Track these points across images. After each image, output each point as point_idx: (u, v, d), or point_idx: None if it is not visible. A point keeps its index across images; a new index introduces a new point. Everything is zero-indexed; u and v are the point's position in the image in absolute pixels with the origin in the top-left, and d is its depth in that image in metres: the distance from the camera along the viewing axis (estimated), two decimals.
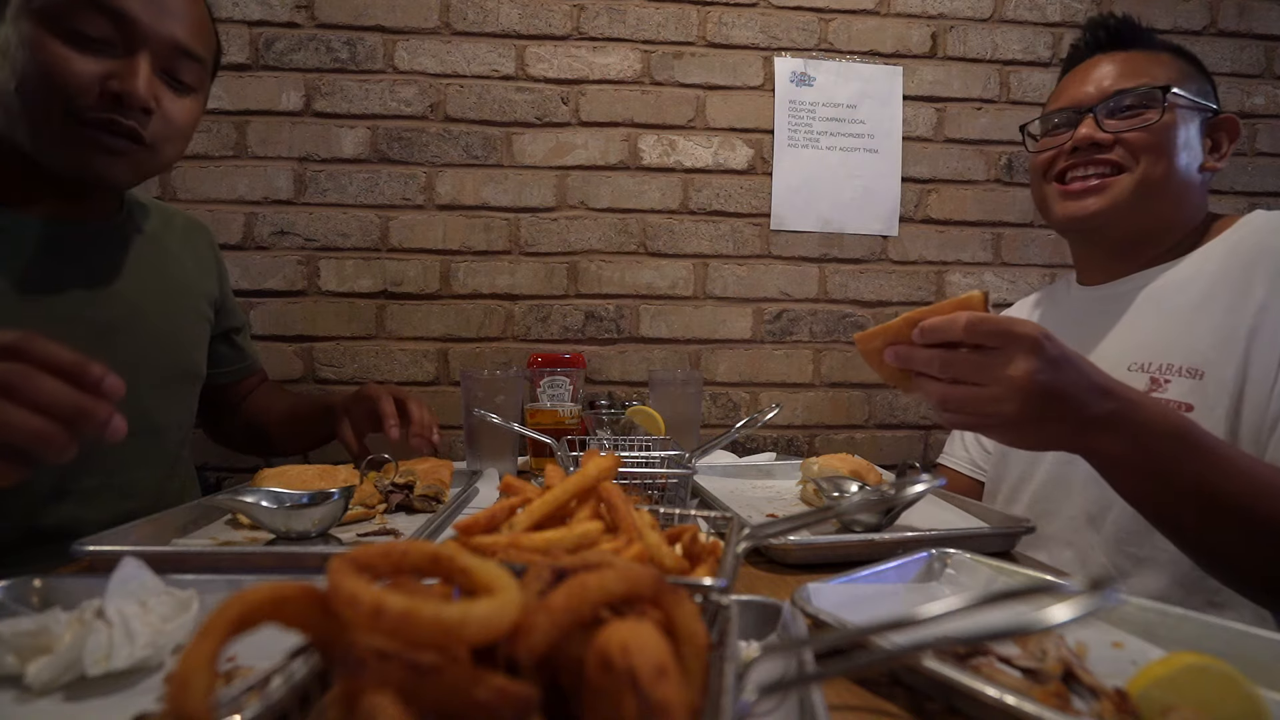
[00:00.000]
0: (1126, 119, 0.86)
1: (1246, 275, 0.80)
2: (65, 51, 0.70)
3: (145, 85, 0.73)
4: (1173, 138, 0.84)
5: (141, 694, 0.37)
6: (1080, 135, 0.87)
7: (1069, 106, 0.91)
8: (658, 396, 1.14)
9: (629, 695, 0.22)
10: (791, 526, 0.45)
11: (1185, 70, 0.89)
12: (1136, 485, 0.64)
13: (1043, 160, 0.93)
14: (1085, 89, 0.90)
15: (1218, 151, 0.89)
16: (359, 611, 0.22)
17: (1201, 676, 0.35)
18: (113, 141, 0.74)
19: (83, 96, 0.71)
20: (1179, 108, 0.85)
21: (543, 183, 1.48)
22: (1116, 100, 0.86)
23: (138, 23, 0.72)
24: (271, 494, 0.65)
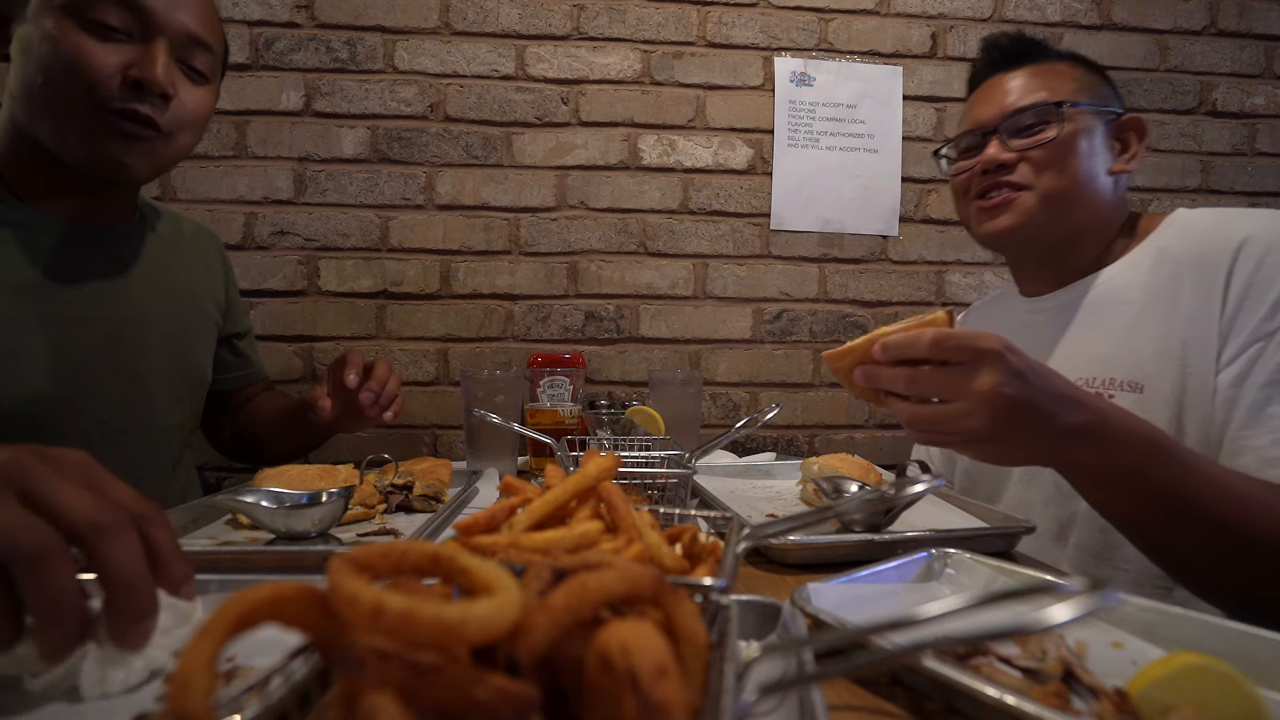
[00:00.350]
0: (1028, 136, 0.88)
1: (1174, 284, 0.81)
2: (87, 42, 0.72)
3: (164, 71, 0.75)
4: (1074, 150, 0.86)
5: (141, 694, 0.37)
6: (987, 157, 0.90)
7: (975, 128, 0.94)
8: (658, 396, 1.14)
9: (629, 695, 0.22)
10: (791, 526, 0.45)
11: (1083, 79, 0.91)
12: (1108, 496, 0.64)
13: (960, 182, 0.96)
14: (988, 110, 0.93)
15: (1127, 152, 0.91)
16: (359, 611, 0.22)
17: (1201, 676, 0.35)
18: (134, 129, 0.76)
19: (106, 85, 0.73)
20: (1079, 119, 0.87)
21: (543, 183, 1.48)
22: (1017, 119, 0.89)
23: (154, 12, 0.75)
24: (271, 494, 0.65)
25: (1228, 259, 0.77)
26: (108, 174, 0.80)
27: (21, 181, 0.81)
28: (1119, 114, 0.91)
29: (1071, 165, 0.86)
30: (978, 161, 0.91)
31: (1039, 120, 0.88)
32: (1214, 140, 1.61)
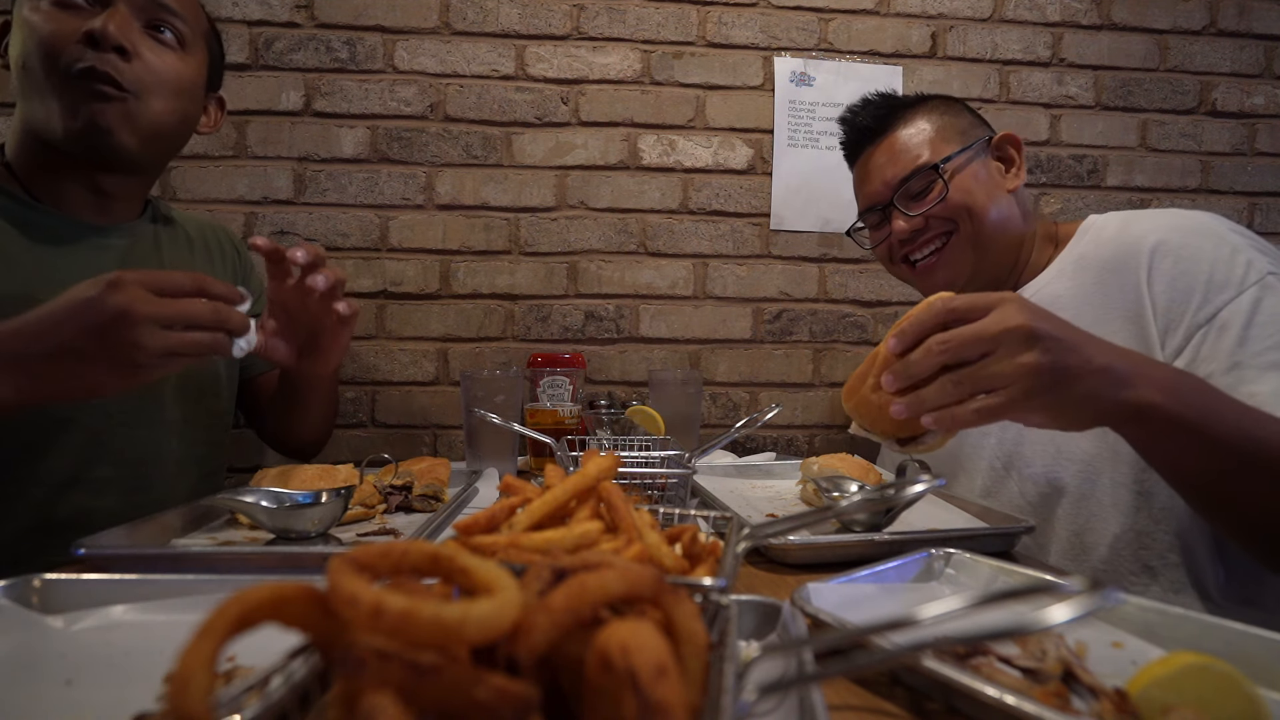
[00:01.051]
0: (922, 200, 0.93)
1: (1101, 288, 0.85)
2: (53, 13, 0.76)
3: (117, 26, 0.76)
4: (969, 190, 0.91)
5: (141, 693, 0.37)
6: (898, 229, 0.95)
7: (873, 206, 0.99)
8: (658, 396, 1.14)
9: (629, 695, 0.22)
10: (791, 526, 0.45)
11: (943, 123, 0.96)
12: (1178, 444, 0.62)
13: (882, 252, 1.03)
14: (874, 187, 0.98)
15: (1013, 166, 0.96)
16: (359, 611, 0.22)
17: (1201, 676, 0.35)
18: (97, 88, 0.77)
19: (68, 51, 0.75)
20: (957, 165, 0.92)
21: (543, 183, 1.48)
22: (905, 189, 0.94)
23: None
24: (271, 494, 0.65)
25: (1145, 260, 0.81)
26: (89, 142, 0.80)
27: (35, 180, 0.85)
28: (989, 138, 0.95)
29: (974, 205, 0.91)
30: (891, 235, 0.97)
31: (925, 184, 0.93)
32: (1214, 140, 1.61)
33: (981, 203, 0.91)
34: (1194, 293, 0.76)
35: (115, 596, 0.48)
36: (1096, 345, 0.59)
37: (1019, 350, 0.56)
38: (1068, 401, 0.58)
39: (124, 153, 0.84)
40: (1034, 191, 1.58)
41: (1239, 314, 0.73)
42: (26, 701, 0.37)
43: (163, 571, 0.53)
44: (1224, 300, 0.74)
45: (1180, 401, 0.60)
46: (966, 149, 0.93)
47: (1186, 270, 0.77)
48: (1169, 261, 0.79)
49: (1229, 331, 0.73)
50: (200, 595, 0.48)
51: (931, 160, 0.92)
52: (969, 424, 0.59)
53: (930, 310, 0.60)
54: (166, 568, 0.56)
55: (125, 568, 0.55)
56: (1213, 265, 0.76)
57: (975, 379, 0.57)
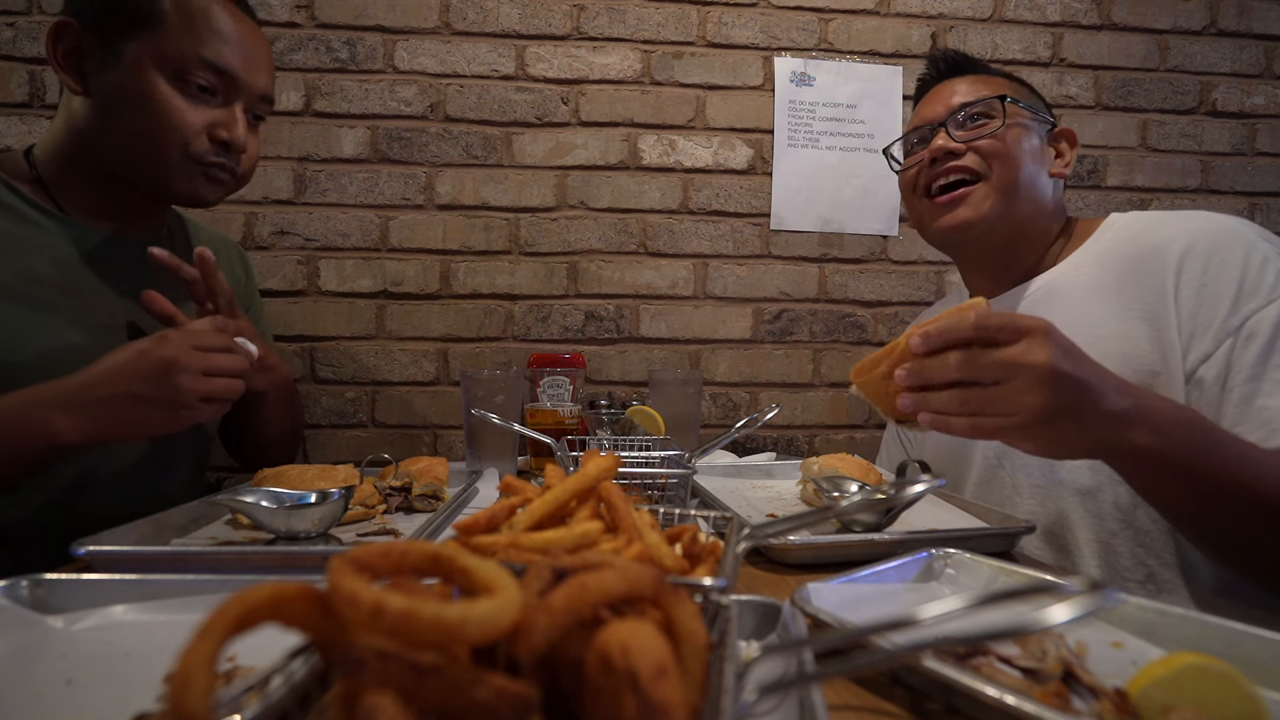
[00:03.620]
0: (974, 129, 0.92)
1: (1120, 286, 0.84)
2: (179, 101, 0.82)
3: (244, 132, 0.88)
4: (1018, 143, 0.90)
5: (141, 694, 0.37)
6: (935, 146, 0.93)
7: (921, 125, 0.98)
8: (658, 396, 1.14)
9: (629, 695, 0.22)
10: (791, 526, 0.45)
11: (1020, 90, 0.96)
12: (1165, 483, 0.64)
13: (908, 178, 0.99)
14: (935, 108, 0.97)
15: (1062, 159, 0.96)
16: (359, 611, 0.22)
17: (1201, 676, 0.35)
18: (218, 175, 0.88)
19: (196, 142, 0.84)
20: (1019, 117, 0.91)
21: (543, 183, 1.48)
22: (963, 112, 0.93)
23: (238, 78, 0.86)
24: (271, 494, 0.65)
25: (1174, 262, 0.79)
26: (189, 204, 0.91)
27: (68, 196, 0.88)
28: (1053, 125, 0.96)
29: (1016, 158, 0.90)
30: (927, 151, 0.94)
31: (983, 112, 0.92)
32: (1214, 140, 1.61)
33: (1024, 159, 0.90)
34: (1223, 299, 0.75)
35: (115, 596, 0.48)
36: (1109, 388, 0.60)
37: (1032, 389, 0.57)
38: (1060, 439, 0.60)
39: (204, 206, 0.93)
40: None
41: (1266, 324, 0.73)
42: (26, 701, 0.37)
43: (163, 571, 0.53)
44: (1253, 309, 0.74)
45: (1169, 441, 0.60)
46: (1037, 113, 0.93)
47: (1216, 277, 0.77)
48: (1198, 267, 0.78)
49: (1255, 342, 0.73)
50: (200, 595, 0.48)
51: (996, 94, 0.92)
52: (962, 435, 0.61)
53: (963, 321, 0.59)
54: (166, 568, 0.56)
55: (125, 568, 0.55)
56: (1243, 272, 0.76)
57: (981, 401, 0.59)
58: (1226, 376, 0.73)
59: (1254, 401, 0.70)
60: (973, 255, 0.99)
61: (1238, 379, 0.73)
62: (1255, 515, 0.62)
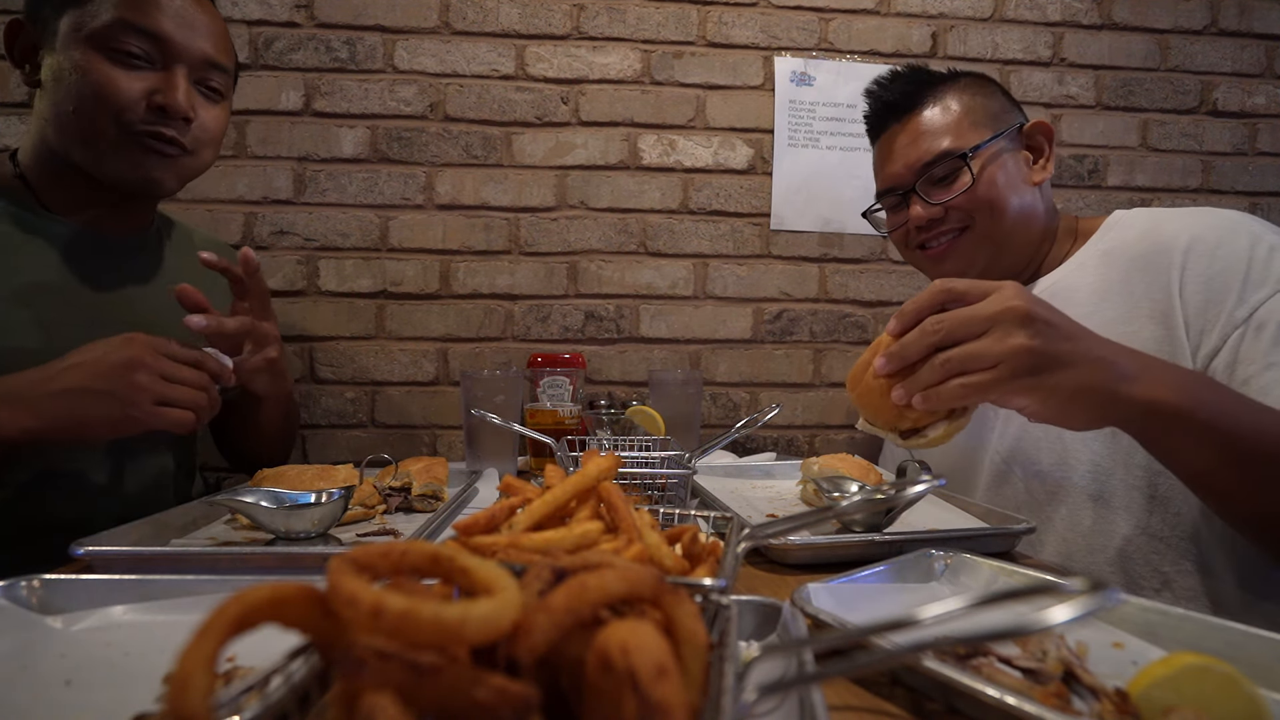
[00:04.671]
0: (945, 187, 0.90)
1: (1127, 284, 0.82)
2: (113, 71, 0.79)
3: (184, 97, 0.82)
4: (993, 186, 0.88)
5: (141, 694, 0.37)
6: (915, 216, 0.91)
7: (892, 188, 0.95)
8: (658, 396, 1.14)
9: (629, 695, 0.22)
10: (791, 526, 0.45)
11: (974, 104, 0.91)
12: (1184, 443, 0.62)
13: (898, 236, 0.99)
14: (896, 168, 0.94)
15: (1041, 158, 0.92)
16: (359, 611, 0.22)
17: (1202, 677, 0.35)
18: (161, 147, 0.83)
19: (132, 110, 0.80)
20: (985, 154, 0.88)
21: (543, 182, 1.48)
22: (928, 174, 0.90)
23: (171, 40, 0.81)
24: (271, 494, 0.65)
25: (1179, 258, 0.79)
26: (140, 189, 0.86)
27: (50, 194, 0.87)
28: (1021, 125, 0.91)
29: (997, 199, 0.87)
30: (908, 221, 0.93)
31: (949, 171, 0.89)
32: (1215, 140, 1.60)
33: (1005, 198, 0.88)
34: (1230, 290, 0.74)
35: (115, 597, 0.48)
36: (1096, 339, 0.59)
37: (1010, 331, 0.56)
38: (1058, 390, 0.58)
39: (166, 193, 0.89)
40: None
41: (1276, 312, 0.72)
42: (26, 701, 0.37)
43: (162, 572, 0.53)
44: (1260, 298, 0.73)
45: (1192, 399, 0.59)
46: (997, 137, 0.89)
47: (1222, 269, 0.76)
48: (1204, 261, 0.77)
49: (1266, 330, 0.72)
50: (200, 595, 0.48)
51: (959, 147, 0.88)
52: (954, 400, 0.59)
53: (928, 293, 0.60)
54: (166, 568, 0.56)
55: (125, 568, 0.55)
56: (1249, 263, 0.75)
57: (963, 358, 0.58)
58: (1236, 367, 0.73)
59: (1273, 392, 0.69)
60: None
61: (1253, 369, 0.72)
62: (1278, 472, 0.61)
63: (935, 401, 0.60)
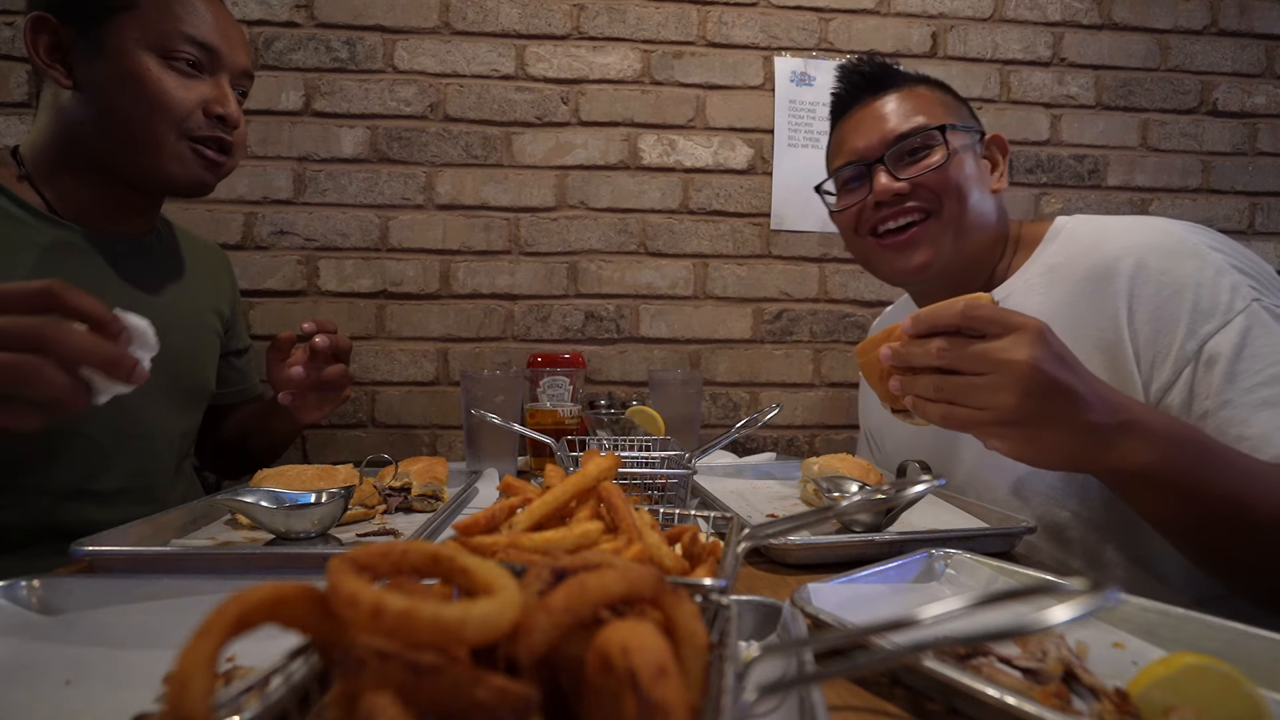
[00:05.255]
0: (916, 163, 0.86)
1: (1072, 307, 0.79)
2: (172, 78, 0.82)
3: (236, 107, 0.88)
4: (962, 171, 0.85)
5: (140, 694, 0.37)
6: (880, 188, 0.86)
7: (856, 159, 0.90)
8: (658, 396, 1.14)
9: (629, 695, 0.22)
10: (791, 526, 0.45)
11: (945, 100, 0.90)
12: (1162, 503, 0.62)
13: (848, 217, 0.92)
14: (866, 139, 0.89)
15: (998, 171, 0.90)
16: (359, 611, 0.22)
17: (1202, 676, 0.35)
18: (214, 156, 0.88)
19: (192, 118, 0.84)
20: (959, 140, 0.86)
21: (543, 182, 1.48)
22: (900, 145, 0.86)
23: (219, 51, 0.86)
24: (271, 494, 0.65)
25: (1124, 284, 0.75)
26: (188, 191, 0.89)
27: (57, 193, 0.87)
28: (982, 134, 0.90)
29: (965, 189, 0.85)
30: (871, 195, 0.87)
31: (924, 144, 0.85)
32: (1215, 140, 1.60)
33: (970, 188, 0.85)
34: (1179, 322, 0.72)
35: (115, 597, 0.48)
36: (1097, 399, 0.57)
37: (1007, 386, 0.55)
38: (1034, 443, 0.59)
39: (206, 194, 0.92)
40: (1034, 191, 1.58)
41: (1226, 346, 0.69)
42: (26, 701, 0.37)
43: (162, 572, 0.53)
44: (1210, 330, 0.70)
45: (1164, 459, 0.58)
46: (970, 129, 0.88)
47: (1170, 297, 0.73)
48: (1150, 288, 0.74)
49: (1217, 365, 0.69)
50: (200, 595, 0.48)
51: (935, 122, 0.85)
52: (934, 423, 0.61)
53: (952, 309, 0.58)
54: (166, 568, 0.56)
55: (125, 568, 0.55)
56: (1197, 290, 0.72)
57: (957, 390, 0.58)
58: (1192, 403, 0.71)
59: (1229, 431, 0.67)
60: (928, 289, 0.94)
61: (1208, 404, 0.70)
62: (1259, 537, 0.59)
63: (921, 412, 0.61)
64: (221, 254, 1.17)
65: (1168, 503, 0.61)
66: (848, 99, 0.95)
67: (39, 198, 0.86)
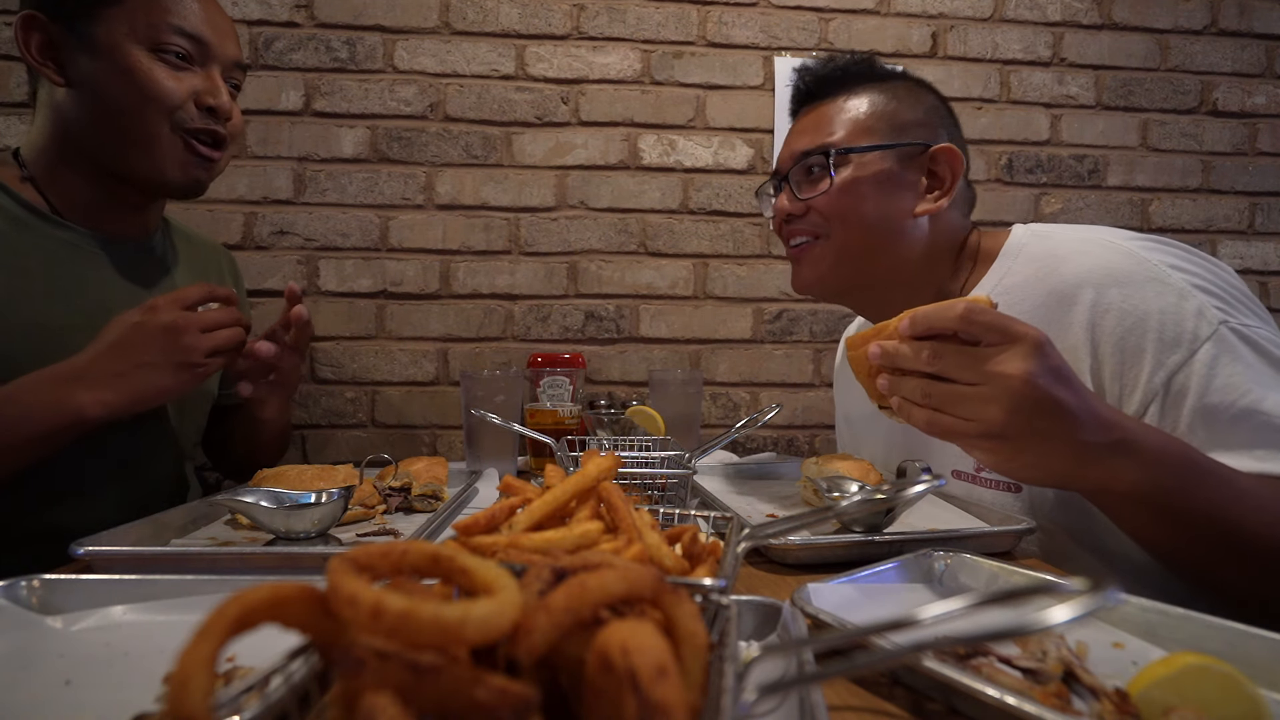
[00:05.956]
0: (813, 183, 0.84)
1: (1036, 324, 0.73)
2: (162, 70, 0.82)
3: (228, 98, 0.87)
4: (856, 195, 0.81)
5: (140, 694, 0.37)
6: (778, 207, 0.87)
7: (775, 173, 0.90)
8: (658, 396, 1.14)
9: (629, 695, 0.22)
10: (791, 526, 0.45)
11: (885, 110, 0.84)
12: (1148, 523, 0.60)
13: (776, 224, 0.91)
14: (783, 153, 0.88)
15: (940, 188, 0.83)
16: (359, 612, 0.22)
17: (1202, 676, 0.35)
18: (207, 151, 0.87)
19: (184, 110, 0.84)
20: (861, 163, 0.81)
21: (543, 182, 1.48)
22: (802, 164, 0.84)
23: (210, 43, 0.85)
24: (271, 494, 0.65)
25: (1084, 313, 0.72)
26: (184, 191, 0.89)
27: (60, 194, 0.87)
28: (926, 147, 0.82)
29: (851, 213, 0.81)
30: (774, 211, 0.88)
31: (818, 166, 0.83)
32: (1215, 140, 1.61)
33: (864, 214, 0.81)
34: (1144, 353, 0.68)
35: (115, 597, 0.48)
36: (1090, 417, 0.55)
37: (997, 400, 0.53)
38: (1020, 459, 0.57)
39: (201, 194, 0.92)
40: (1034, 191, 1.58)
41: (1194, 379, 0.66)
42: (26, 701, 0.37)
43: (162, 572, 0.53)
44: (1177, 362, 0.67)
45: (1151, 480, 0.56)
46: (883, 148, 0.81)
47: (1132, 328, 0.69)
48: (1111, 320, 0.70)
49: (1186, 400, 0.66)
50: (200, 595, 0.48)
51: (830, 145, 0.82)
52: (918, 427, 0.59)
53: (951, 311, 0.55)
54: (166, 568, 0.56)
55: (125, 568, 0.55)
56: (1160, 319, 0.68)
57: (943, 398, 0.56)
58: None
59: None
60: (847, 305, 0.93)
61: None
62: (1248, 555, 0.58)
63: (905, 415, 0.59)
64: (226, 254, 1.17)
65: (1154, 522, 0.60)
66: (793, 104, 0.94)
67: (42, 199, 0.86)
